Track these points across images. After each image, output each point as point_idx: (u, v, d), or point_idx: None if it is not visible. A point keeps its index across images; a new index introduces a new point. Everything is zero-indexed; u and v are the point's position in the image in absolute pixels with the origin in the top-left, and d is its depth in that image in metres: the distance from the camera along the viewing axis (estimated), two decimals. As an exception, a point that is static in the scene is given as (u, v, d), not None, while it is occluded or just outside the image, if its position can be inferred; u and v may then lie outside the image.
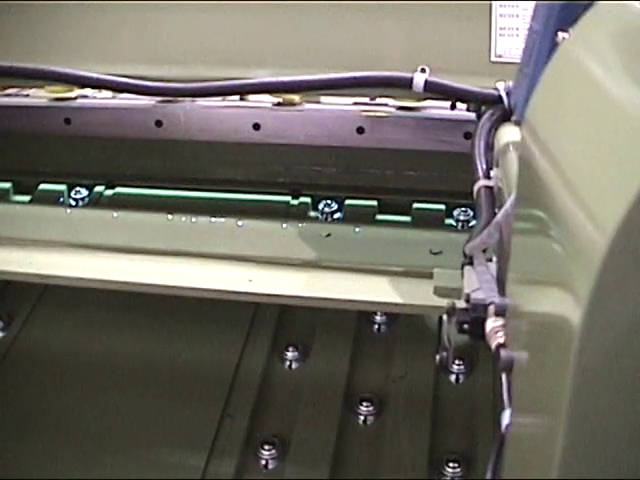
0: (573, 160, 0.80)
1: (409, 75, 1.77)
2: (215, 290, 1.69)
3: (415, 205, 2.15)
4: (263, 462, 1.92)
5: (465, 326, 1.28)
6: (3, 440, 1.99)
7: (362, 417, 1.99)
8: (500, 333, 1.09)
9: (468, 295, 1.26)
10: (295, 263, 1.74)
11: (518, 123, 1.51)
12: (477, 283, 1.29)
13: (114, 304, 2.20)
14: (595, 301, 0.67)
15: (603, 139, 0.76)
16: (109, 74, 1.94)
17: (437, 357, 1.41)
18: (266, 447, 1.93)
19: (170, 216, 1.91)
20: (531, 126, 0.96)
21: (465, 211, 2.13)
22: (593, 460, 0.74)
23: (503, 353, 0.97)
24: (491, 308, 1.16)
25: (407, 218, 2.11)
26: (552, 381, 0.77)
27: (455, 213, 2.14)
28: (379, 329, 2.18)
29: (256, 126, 2.09)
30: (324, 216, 2.15)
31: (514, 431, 0.98)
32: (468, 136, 1.95)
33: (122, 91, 2.02)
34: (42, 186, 2.30)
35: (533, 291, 0.91)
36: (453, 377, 2.06)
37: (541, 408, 0.83)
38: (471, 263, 1.38)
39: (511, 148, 1.44)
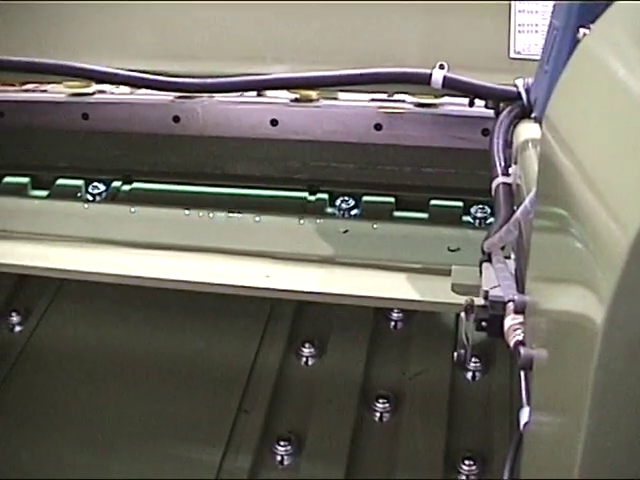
0: (595, 158, 0.79)
1: (428, 71, 1.77)
2: (232, 285, 1.70)
3: (432, 202, 2.15)
4: (279, 458, 1.92)
5: (483, 323, 1.27)
6: (20, 434, 2.00)
7: (378, 414, 1.99)
8: (519, 331, 1.09)
9: (486, 292, 1.26)
10: (312, 259, 1.74)
11: (538, 120, 1.50)
12: (495, 280, 1.28)
13: (131, 299, 2.20)
14: (618, 299, 0.66)
15: (625, 136, 0.75)
16: (127, 69, 1.94)
17: (455, 354, 1.41)
18: (282, 443, 1.93)
19: (187, 211, 1.91)
20: (552, 123, 0.95)
21: (483, 208, 2.12)
22: (616, 460, 0.73)
23: (522, 351, 0.97)
24: (510, 305, 1.16)
25: (424, 215, 2.10)
26: (573, 380, 0.76)
27: (472, 210, 2.13)
28: (395, 326, 2.18)
29: (274, 122, 2.09)
30: (341, 212, 2.14)
31: (533, 430, 0.98)
32: (486, 133, 1.94)
33: (139, 86, 2.02)
34: (59, 181, 2.30)
35: (553, 289, 0.90)
36: (470, 375, 2.05)
37: (562, 407, 0.82)
38: (489, 260, 1.37)
39: (530, 145, 1.43)
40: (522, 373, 1.03)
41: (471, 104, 1.87)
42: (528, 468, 1.02)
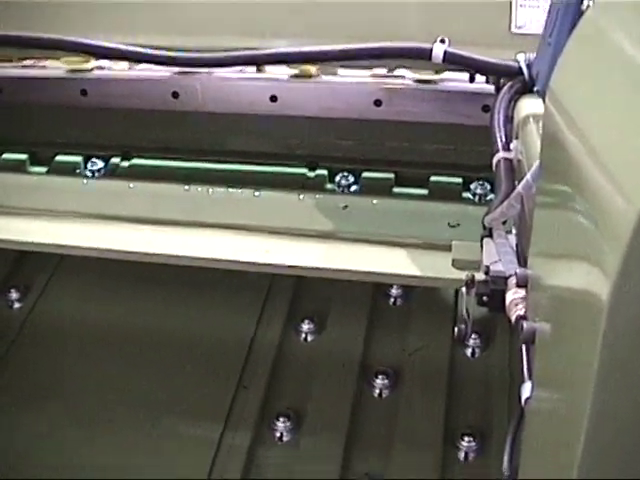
0: (600, 131, 0.78)
1: (428, 46, 1.76)
2: (231, 261, 1.69)
3: (432, 178, 2.14)
4: (278, 434, 1.92)
5: (484, 298, 1.27)
6: (19, 409, 2.00)
7: (377, 390, 1.99)
8: (520, 305, 1.08)
9: (487, 267, 1.26)
10: (312, 234, 1.74)
11: (541, 94, 1.49)
12: (496, 255, 1.28)
13: (130, 275, 2.20)
14: (624, 274, 0.65)
15: (631, 108, 0.74)
16: (125, 44, 1.93)
17: (455, 330, 1.41)
18: (281, 419, 1.93)
19: (187, 187, 1.91)
20: (555, 96, 0.94)
21: (482, 185, 2.11)
22: (621, 439, 0.72)
23: (525, 325, 0.96)
24: (511, 280, 1.15)
25: (424, 191, 2.10)
26: (578, 356, 0.75)
27: (472, 187, 2.12)
28: (395, 302, 2.18)
29: (273, 98, 2.08)
30: (341, 189, 2.13)
31: (534, 405, 0.97)
32: (486, 109, 1.93)
33: (137, 61, 2.01)
34: (58, 157, 2.29)
35: (556, 265, 0.90)
36: (469, 351, 2.05)
37: (565, 384, 0.81)
38: (490, 235, 1.37)
39: (531, 120, 1.43)
40: (523, 348, 1.02)
41: (471, 80, 1.86)
42: (529, 444, 1.02)
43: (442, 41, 1.76)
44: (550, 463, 0.87)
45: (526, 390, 0.99)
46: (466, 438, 1.87)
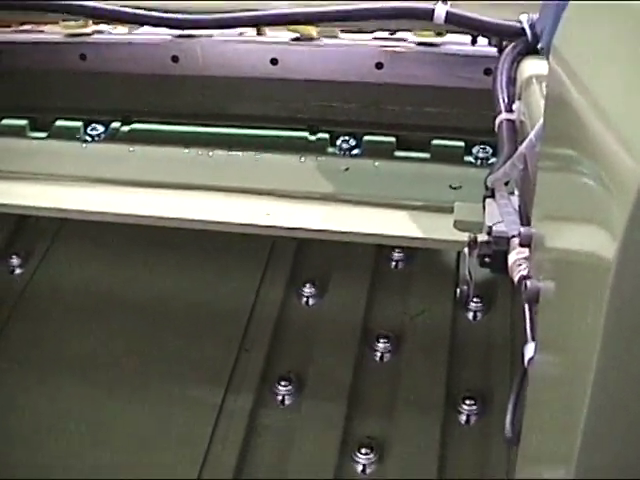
0: (608, 89, 0.77)
1: (430, 6, 1.74)
2: (232, 223, 1.69)
3: (434, 142, 2.13)
4: (279, 398, 1.93)
5: (486, 259, 1.27)
6: (21, 376, 2.00)
7: (379, 354, 1.99)
8: (523, 266, 1.08)
9: (490, 228, 1.25)
10: (313, 197, 1.73)
11: (545, 52, 1.48)
12: (499, 216, 1.28)
13: (131, 239, 2.19)
14: (631, 235, 0.64)
15: (639, 65, 0.73)
16: (122, 6, 1.92)
17: (457, 291, 1.41)
18: (283, 383, 1.93)
19: (187, 150, 1.90)
20: (560, 54, 0.93)
21: (484, 149, 2.10)
22: (626, 401, 0.71)
23: (529, 283, 0.95)
24: (514, 241, 1.15)
25: (426, 155, 2.09)
26: (583, 317, 0.74)
27: (474, 150, 2.10)
28: (397, 266, 2.17)
29: (274, 61, 2.07)
30: (342, 152, 2.12)
31: (537, 367, 0.97)
32: (488, 72, 1.92)
33: (136, 22, 2.00)
34: (58, 123, 2.28)
35: (561, 225, 0.89)
36: (470, 314, 2.05)
37: (570, 345, 0.80)
38: (493, 196, 1.36)
39: (534, 81, 1.41)
40: (527, 308, 1.02)
41: (473, 42, 1.85)
42: (532, 406, 1.01)
43: (444, 1, 1.75)
44: (553, 426, 0.87)
45: (529, 350, 0.99)
46: (467, 401, 1.87)
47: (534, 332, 1.00)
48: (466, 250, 1.35)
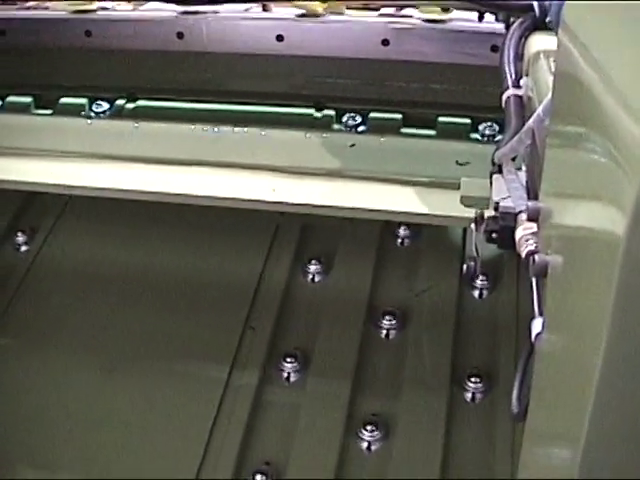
0: (618, 63, 0.76)
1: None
2: (238, 199, 1.68)
3: (440, 119, 2.12)
4: (285, 374, 1.93)
5: (493, 235, 1.26)
6: (27, 352, 2.01)
7: (384, 331, 1.99)
8: (531, 241, 1.07)
9: (497, 203, 1.25)
10: (319, 173, 1.72)
11: (553, 25, 1.46)
12: (506, 191, 1.27)
13: (136, 216, 2.19)
14: None
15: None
16: None
17: (464, 267, 1.40)
18: (288, 360, 1.93)
19: (192, 126, 1.89)
20: (569, 27, 0.92)
21: (491, 126, 2.09)
22: (635, 379, 0.71)
23: (537, 258, 0.95)
24: (521, 216, 1.14)
25: (432, 132, 2.08)
26: (592, 293, 0.74)
27: (480, 127, 2.10)
28: (402, 243, 2.17)
29: (279, 38, 2.06)
30: (348, 129, 2.11)
31: (545, 343, 0.96)
32: (495, 49, 1.92)
33: None
34: (63, 100, 2.27)
35: (569, 201, 0.88)
36: (476, 292, 2.05)
37: (578, 321, 0.80)
38: (500, 171, 1.36)
39: (542, 56, 1.40)
40: (534, 282, 1.01)
41: (481, 18, 1.84)
42: (540, 382, 1.01)
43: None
44: (561, 404, 0.86)
45: (536, 325, 0.98)
46: (473, 379, 1.87)
47: (541, 307, 0.99)
48: (473, 226, 1.35)
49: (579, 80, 0.83)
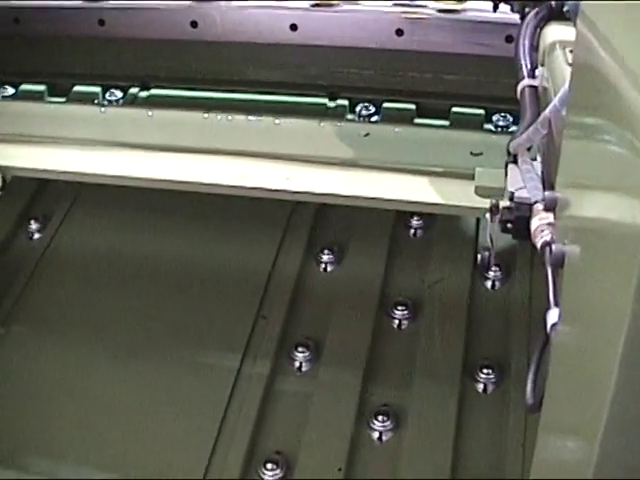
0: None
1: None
2: (252, 188, 1.68)
3: (454, 109, 2.12)
4: (297, 364, 1.92)
5: (508, 225, 1.26)
6: (39, 340, 2.01)
7: (397, 321, 1.99)
8: (546, 231, 1.07)
9: (512, 193, 1.24)
10: (333, 162, 1.72)
11: (572, 15, 1.46)
12: (521, 182, 1.27)
13: (149, 205, 2.19)
14: None
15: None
16: None
17: (478, 257, 1.40)
18: (300, 349, 1.93)
19: (206, 114, 1.88)
20: (589, 19, 0.91)
21: (505, 117, 2.09)
22: None
23: (554, 247, 0.95)
24: (537, 206, 1.14)
25: (445, 122, 2.08)
26: (610, 286, 0.73)
27: (494, 118, 2.10)
28: (415, 233, 2.16)
29: (293, 27, 2.06)
30: (361, 119, 2.12)
31: (561, 335, 0.95)
32: (509, 40, 1.92)
33: None
34: (76, 88, 2.28)
35: (586, 193, 0.87)
36: (489, 283, 2.04)
37: (596, 315, 0.79)
38: (515, 162, 1.35)
39: (558, 47, 1.40)
40: (550, 273, 1.01)
41: (495, 9, 1.84)
42: (556, 374, 1.00)
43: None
44: (578, 398, 0.85)
45: (552, 316, 0.98)
46: (485, 370, 1.87)
47: (557, 298, 0.99)
48: (488, 216, 1.34)
49: (598, 71, 0.82)
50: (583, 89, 0.93)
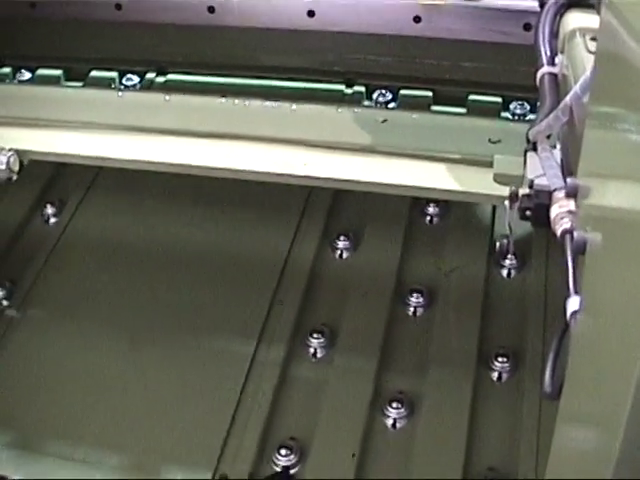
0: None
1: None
2: (270, 173, 1.68)
3: (471, 97, 2.11)
4: (312, 350, 1.93)
5: (527, 213, 1.26)
6: (54, 323, 2.01)
7: (412, 308, 1.99)
8: (566, 219, 1.07)
9: (531, 181, 1.24)
10: (351, 147, 1.71)
11: (594, 1, 1.45)
12: (541, 169, 1.26)
13: (166, 190, 2.20)
14: None
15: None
16: None
17: (496, 244, 1.40)
18: (315, 335, 1.93)
19: (223, 99, 1.87)
20: (614, 6, 0.90)
21: (522, 105, 2.09)
22: None
23: (576, 234, 0.94)
24: (556, 194, 1.14)
25: (462, 110, 2.07)
26: (633, 273, 0.73)
27: (512, 106, 2.09)
28: (431, 221, 2.16)
29: (310, 13, 2.06)
30: (378, 106, 2.11)
31: (581, 324, 0.94)
32: (528, 27, 1.91)
33: None
34: (93, 73, 2.28)
35: (608, 182, 0.87)
36: (505, 271, 2.04)
37: (618, 301, 0.78)
38: (534, 149, 1.35)
39: (578, 34, 1.39)
40: (570, 261, 1.00)
41: (514, -4, 1.83)
42: (576, 363, 0.99)
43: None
44: (599, 388, 0.84)
45: (572, 304, 0.97)
46: (500, 359, 1.87)
47: (577, 286, 0.99)
48: (507, 203, 1.34)
49: (623, 60, 0.81)
50: (607, 77, 0.92)
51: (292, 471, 1.73)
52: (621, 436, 0.73)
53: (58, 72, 2.28)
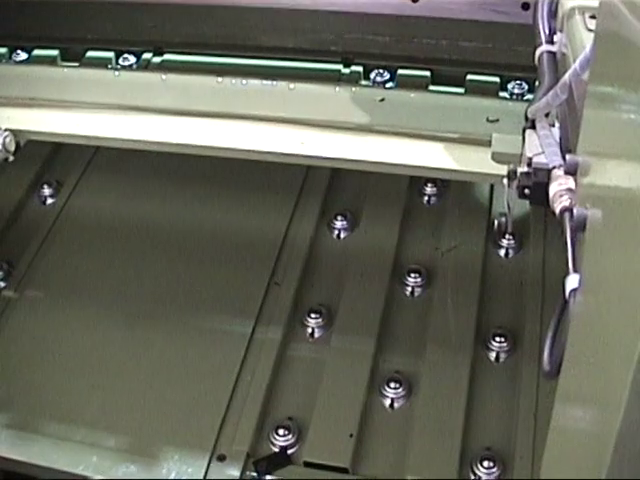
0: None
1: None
2: (267, 152, 1.67)
3: (469, 77, 2.11)
4: (309, 330, 1.93)
5: (526, 191, 1.25)
6: (53, 306, 2.01)
7: (410, 288, 1.99)
8: (565, 197, 1.06)
9: (530, 159, 1.24)
10: (348, 127, 1.71)
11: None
12: (539, 147, 1.26)
13: (163, 170, 2.19)
14: None
15: None
16: None
17: (495, 223, 1.40)
18: (313, 315, 1.93)
19: (220, 79, 1.86)
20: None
21: (520, 84, 2.08)
22: None
23: (575, 211, 0.94)
24: (555, 172, 1.13)
25: (460, 89, 2.06)
26: (632, 251, 0.72)
27: (510, 86, 2.09)
28: (429, 201, 2.16)
29: None
30: (376, 85, 2.10)
31: (580, 302, 0.94)
32: (526, 7, 1.90)
33: None
34: (89, 53, 2.27)
35: (608, 161, 0.86)
36: (502, 251, 2.04)
37: (618, 279, 0.78)
38: (533, 127, 1.34)
39: (577, 12, 1.38)
40: (569, 238, 1.00)
41: (512, -25, 1.82)
42: (575, 341, 0.98)
43: None
44: (600, 366, 0.84)
45: (571, 282, 0.96)
46: (497, 339, 1.87)
47: (576, 264, 0.98)
48: (505, 181, 1.33)
49: (623, 36, 0.80)
50: (606, 55, 0.91)
51: (290, 451, 1.73)
52: (621, 415, 0.72)
53: (54, 52, 2.27)
